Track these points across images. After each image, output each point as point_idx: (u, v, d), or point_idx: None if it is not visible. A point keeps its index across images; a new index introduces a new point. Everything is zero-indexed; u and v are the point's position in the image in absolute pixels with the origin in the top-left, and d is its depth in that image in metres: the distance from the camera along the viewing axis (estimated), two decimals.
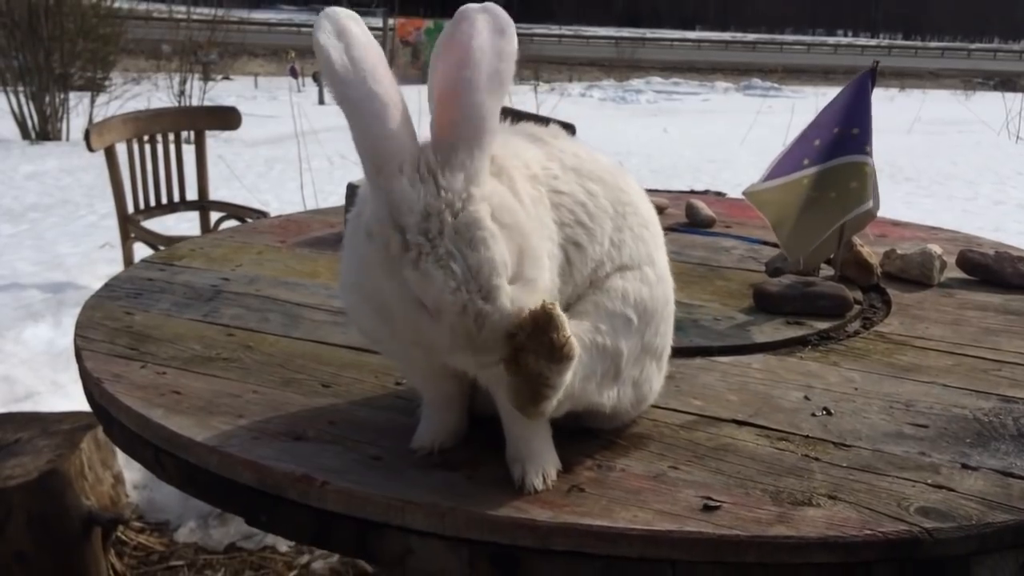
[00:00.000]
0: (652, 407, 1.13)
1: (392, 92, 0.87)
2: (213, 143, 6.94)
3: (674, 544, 0.87)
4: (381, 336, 0.98)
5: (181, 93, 10.75)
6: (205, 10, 12.03)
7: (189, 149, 3.59)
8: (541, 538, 0.89)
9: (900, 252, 1.73)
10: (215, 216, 3.77)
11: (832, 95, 1.66)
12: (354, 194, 1.35)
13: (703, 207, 2.17)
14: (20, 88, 9.70)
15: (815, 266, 1.70)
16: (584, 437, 1.06)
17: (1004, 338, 1.44)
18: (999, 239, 2.16)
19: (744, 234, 2.07)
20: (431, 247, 0.82)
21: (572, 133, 1.15)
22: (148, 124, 3.56)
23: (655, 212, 1.09)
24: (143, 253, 3.19)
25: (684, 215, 2.18)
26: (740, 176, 7.23)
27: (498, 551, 0.90)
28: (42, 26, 9.76)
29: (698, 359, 1.32)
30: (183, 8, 11.60)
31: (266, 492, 0.98)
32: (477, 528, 0.90)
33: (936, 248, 1.73)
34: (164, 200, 3.59)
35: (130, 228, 3.45)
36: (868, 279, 1.68)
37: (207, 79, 12.17)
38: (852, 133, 1.55)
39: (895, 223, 2.21)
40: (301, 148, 6.45)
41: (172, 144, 3.57)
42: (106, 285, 1.60)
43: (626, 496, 0.94)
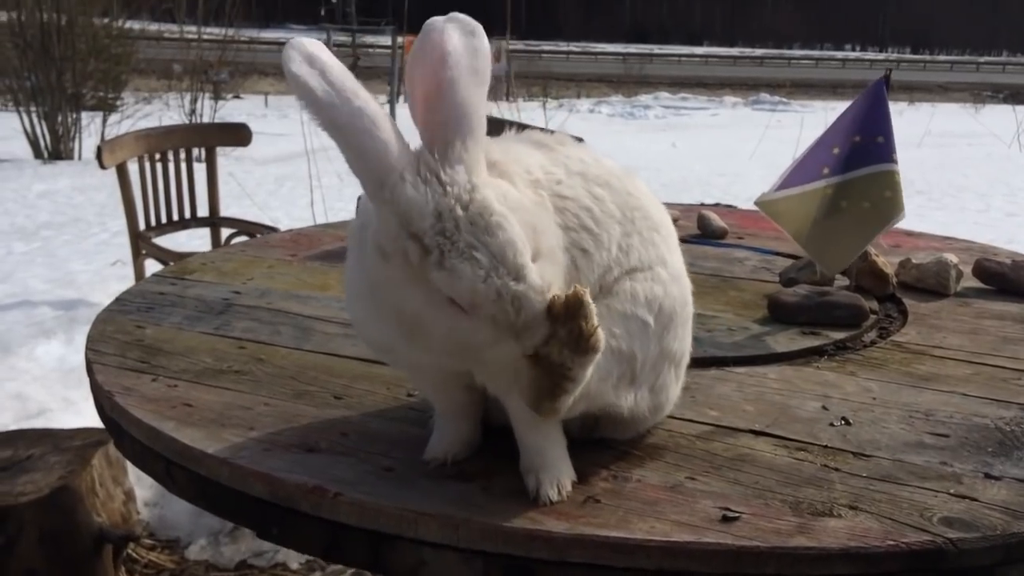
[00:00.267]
0: (668, 417, 1.12)
1: (376, 106, 0.87)
2: (224, 161, 6.98)
3: (693, 556, 0.85)
4: (392, 346, 0.96)
5: (192, 112, 10.82)
6: (216, 30, 12.13)
7: (200, 166, 3.60)
8: (557, 550, 0.87)
9: (916, 262, 1.72)
10: (226, 232, 3.78)
11: (842, 109, 1.65)
12: None
13: (715, 218, 2.16)
14: (33, 108, 9.78)
15: (831, 276, 1.68)
16: (599, 448, 1.05)
17: (1023, 347, 1.42)
18: (1013, 250, 2.14)
19: (757, 245, 2.05)
20: (451, 244, 0.81)
21: None
22: (159, 141, 3.58)
23: (667, 215, 1.08)
24: (154, 270, 3.19)
25: (696, 226, 2.17)
26: (751, 189, 7.21)
27: (513, 563, 0.88)
28: (54, 46, 9.85)
29: (713, 369, 1.31)
30: (194, 28, 11.69)
31: (278, 504, 0.97)
32: (491, 540, 0.88)
33: (952, 257, 1.71)
34: (175, 217, 3.60)
35: (141, 245, 3.46)
36: (884, 289, 1.67)
37: (218, 98, 12.26)
38: (877, 141, 1.54)
39: (908, 233, 2.19)
40: (311, 165, 6.46)
41: (183, 161, 3.59)
42: (117, 299, 1.60)
43: (643, 507, 0.92)
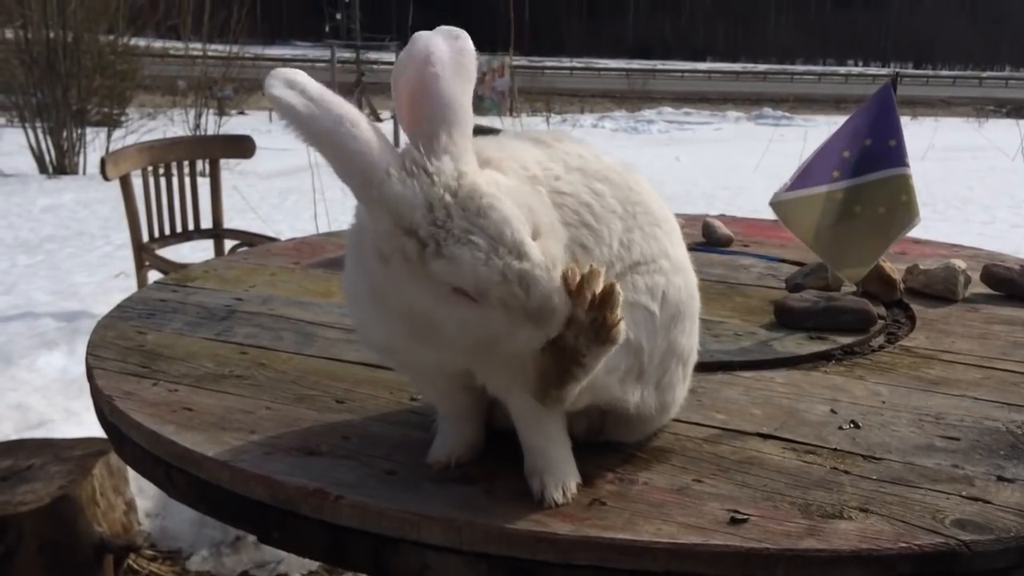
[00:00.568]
0: (674, 421, 1.10)
1: (357, 113, 0.87)
2: (228, 175, 7.00)
3: (700, 558, 0.84)
4: (396, 348, 0.95)
5: (196, 127, 10.86)
6: (220, 47, 12.18)
7: (204, 179, 3.60)
8: (562, 552, 0.86)
9: (923, 267, 1.70)
10: (229, 244, 3.77)
11: None
12: None
13: (720, 226, 2.15)
14: (38, 123, 9.82)
15: (839, 282, 1.67)
16: (604, 451, 1.03)
17: None
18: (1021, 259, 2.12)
19: (762, 252, 2.04)
20: (445, 232, 0.81)
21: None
22: (163, 153, 3.58)
23: (668, 210, 1.06)
24: None
25: (701, 234, 2.16)
26: (755, 202, 7.21)
27: (517, 566, 0.87)
28: (60, 62, 9.90)
29: (720, 374, 1.29)
30: (198, 45, 11.75)
31: (279, 507, 0.95)
32: (495, 543, 0.87)
33: (960, 263, 1.70)
34: (179, 228, 3.60)
35: (145, 256, 3.45)
36: (891, 294, 1.65)
37: (222, 114, 12.29)
38: (889, 145, 1.52)
39: (915, 241, 2.18)
40: (315, 179, 6.47)
41: (187, 172, 3.59)
42: (118, 306, 1.59)
43: (649, 509, 0.91)
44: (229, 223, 4.02)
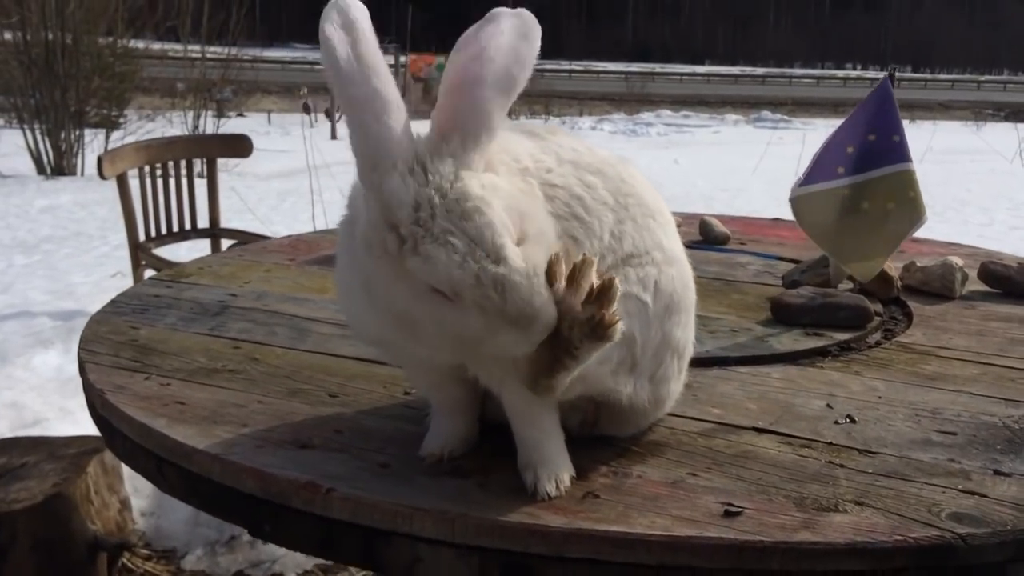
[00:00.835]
0: (669, 415, 1.09)
1: (393, 90, 0.86)
2: (226, 176, 7.00)
3: (694, 550, 0.83)
4: (388, 341, 0.95)
5: (195, 129, 10.85)
6: (219, 49, 12.18)
7: (202, 180, 3.59)
8: (555, 545, 0.85)
9: (920, 264, 1.70)
10: (226, 244, 3.76)
11: None
12: None
13: (717, 224, 2.14)
14: (36, 125, 9.81)
15: (838, 279, 1.66)
16: (599, 444, 1.03)
17: None
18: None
19: (759, 250, 2.03)
20: (424, 231, 0.80)
21: None
22: (160, 152, 3.57)
23: (663, 202, 1.05)
24: None
25: (698, 232, 2.15)
26: (754, 204, 7.21)
27: (510, 559, 0.86)
28: (59, 64, 9.90)
29: (715, 369, 1.28)
30: (197, 47, 11.74)
31: (270, 501, 0.94)
32: (488, 535, 0.86)
33: (957, 260, 1.69)
34: (175, 228, 3.59)
35: (141, 255, 3.45)
36: (888, 292, 1.64)
37: (221, 115, 12.29)
38: (893, 140, 1.51)
39: (913, 239, 2.17)
40: (313, 181, 6.47)
41: (184, 172, 3.58)
42: (112, 301, 1.58)
43: (643, 502, 0.90)
44: (227, 224, 4.01)
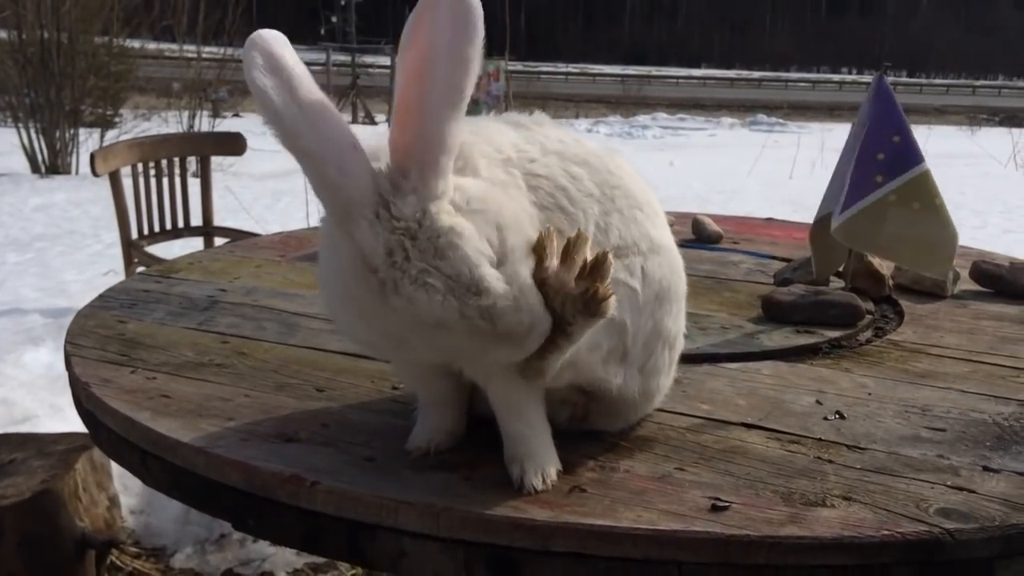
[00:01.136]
0: (657, 410, 1.09)
1: (345, 129, 0.82)
2: (221, 176, 6.98)
3: (680, 544, 0.82)
4: (375, 343, 0.94)
5: (190, 128, 10.83)
6: (215, 49, 12.16)
7: (196, 179, 3.58)
8: (540, 539, 0.84)
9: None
10: (219, 242, 3.75)
11: (838, 130, 1.63)
12: None
13: (709, 223, 2.14)
14: (31, 123, 9.78)
15: (826, 278, 1.66)
16: (587, 439, 1.02)
17: (1022, 347, 1.39)
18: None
19: (752, 249, 2.03)
20: (402, 273, 0.79)
21: None
22: (153, 149, 3.56)
23: (651, 193, 1.05)
24: None
25: (691, 231, 2.15)
26: (749, 205, 7.21)
27: (495, 553, 0.85)
28: (54, 63, 9.87)
29: (705, 365, 1.28)
30: (193, 47, 11.72)
31: (254, 494, 0.94)
32: (473, 529, 0.86)
33: None
34: (168, 226, 3.58)
35: (134, 253, 3.43)
36: (880, 290, 1.64)
37: (216, 115, 12.27)
38: (913, 137, 1.51)
39: None
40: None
41: (177, 169, 3.57)
42: (100, 296, 1.57)
43: (630, 497, 0.90)
44: (222, 223, 4.00)
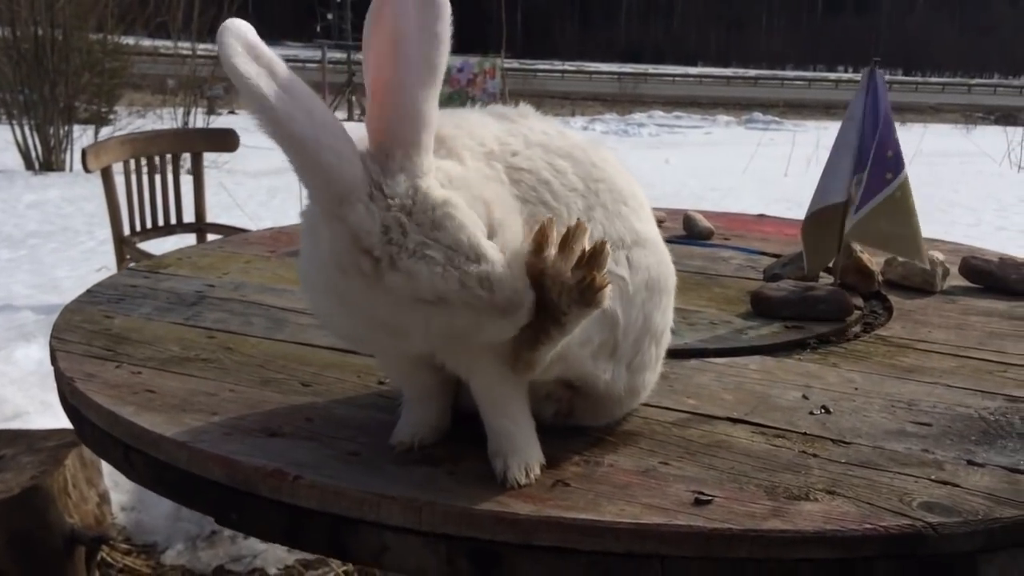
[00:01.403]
0: (644, 405, 1.09)
1: (331, 114, 0.81)
2: (216, 173, 6.96)
3: (662, 538, 0.82)
4: (359, 336, 0.93)
5: (185, 125, 10.80)
6: (210, 46, 12.12)
7: (190, 176, 3.57)
8: (523, 533, 0.84)
9: (901, 259, 1.69)
10: (212, 239, 3.74)
11: (834, 128, 1.63)
12: None
13: (700, 219, 2.14)
14: (25, 120, 9.75)
15: (816, 273, 1.66)
16: (571, 434, 1.02)
17: (1010, 342, 1.39)
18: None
19: (743, 245, 2.03)
20: (399, 248, 0.78)
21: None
22: (145, 145, 3.55)
23: (637, 186, 1.04)
24: None
25: (682, 227, 2.14)
26: (743, 203, 7.22)
27: (478, 547, 0.85)
28: (48, 59, 9.84)
29: (693, 360, 1.28)
30: (188, 44, 11.69)
31: (236, 488, 0.93)
32: (455, 523, 0.85)
33: (938, 255, 1.69)
34: (161, 222, 3.57)
35: (126, 250, 3.42)
36: (869, 286, 1.64)
37: (211, 112, 12.25)
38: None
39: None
40: None
41: (169, 166, 3.56)
42: (88, 291, 1.57)
43: (613, 491, 0.89)
44: (216, 220, 3.99)
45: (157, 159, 3.53)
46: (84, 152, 3.28)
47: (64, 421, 2.67)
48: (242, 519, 0.94)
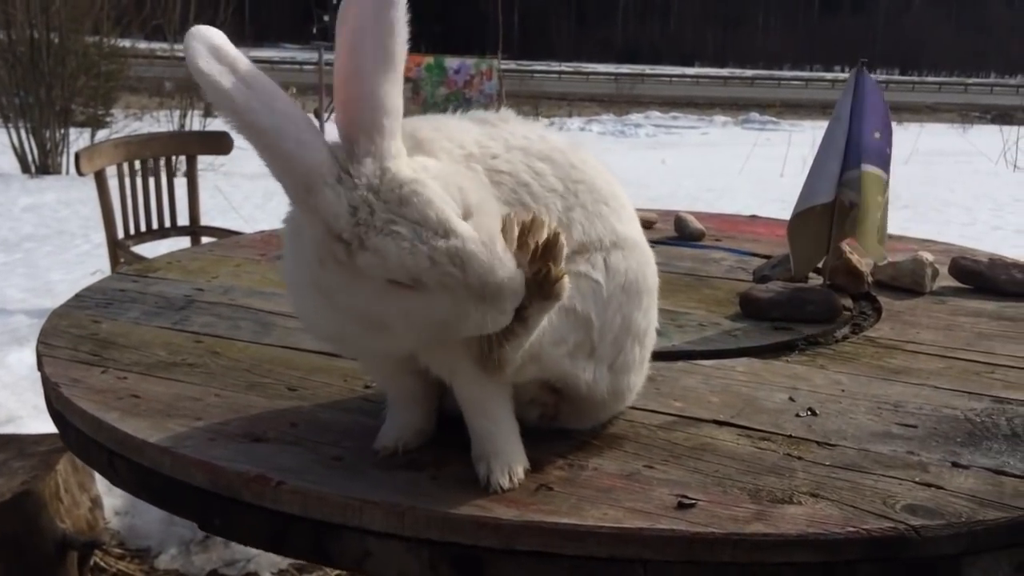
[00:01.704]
0: (630, 408, 1.09)
1: (293, 105, 0.83)
2: (212, 176, 6.96)
3: (645, 542, 0.82)
4: (342, 336, 0.93)
5: (181, 127, 10.79)
6: None
7: (182, 176, 3.57)
8: (505, 538, 0.84)
9: (891, 260, 1.69)
10: (206, 242, 3.74)
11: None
12: None
13: (692, 220, 2.13)
14: (21, 123, 9.74)
15: (805, 274, 1.66)
16: (557, 437, 1.02)
17: (998, 342, 1.39)
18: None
19: (734, 246, 2.03)
20: (366, 227, 0.79)
21: None
22: (139, 148, 3.54)
23: (618, 187, 1.04)
24: None
25: (673, 228, 2.14)
26: (738, 204, 7.22)
27: (460, 552, 0.85)
28: (44, 62, 9.83)
29: (680, 363, 1.28)
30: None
31: (219, 494, 0.93)
32: (437, 528, 0.85)
33: (928, 255, 1.69)
34: (155, 225, 3.56)
35: (120, 253, 3.42)
36: (858, 287, 1.64)
37: (208, 115, 12.22)
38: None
39: (888, 236, 2.17)
40: None
41: (163, 169, 3.56)
42: (76, 296, 1.56)
43: (597, 495, 0.89)
44: (212, 223, 3.99)
45: (151, 162, 3.53)
46: (77, 155, 3.27)
47: None
48: (225, 525, 0.94)
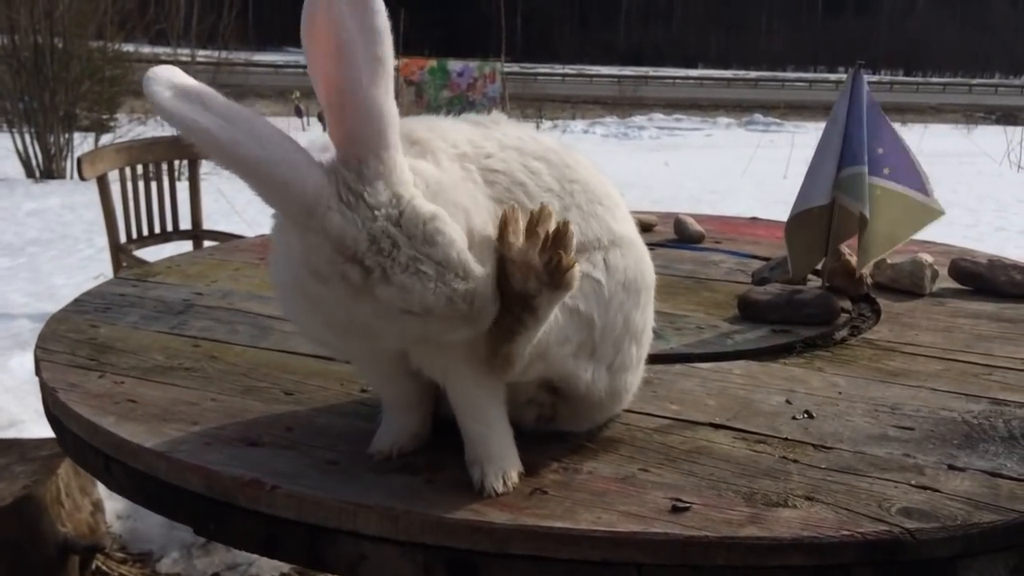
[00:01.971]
0: (626, 411, 1.08)
1: (275, 129, 0.81)
2: (216, 179, 6.96)
3: (639, 546, 0.82)
4: (332, 341, 0.93)
5: None
6: (210, 52, 12.15)
7: (184, 180, 3.57)
8: (499, 542, 0.84)
9: (890, 262, 1.69)
10: (207, 246, 3.74)
11: None
12: None
13: (691, 223, 2.13)
14: (25, 128, 9.78)
15: (803, 276, 1.66)
16: (552, 441, 1.02)
17: (997, 344, 1.39)
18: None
19: (734, 249, 2.03)
20: (391, 261, 0.79)
21: None
22: (141, 153, 3.55)
23: (611, 186, 1.04)
24: None
25: (673, 231, 2.14)
26: (741, 205, 7.21)
27: (455, 556, 0.85)
28: (48, 67, 9.87)
29: (678, 365, 1.27)
30: (188, 51, 11.72)
31: (215, 499, 0.93)
32: (432, 532, 0.85)
33: (927, 257, 1.69)
34: (157, 230, 3.57)
35: (122, 257, 3.43)
36: (857, 289, 1.64)
37: None
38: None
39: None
40: None
41: (165, 173, 3.57)
42: (75, 300, 1.57)
43: (591, 498, 0.89)
44: (215, 227, 3.99)
45: (153, 166, 3.54)
46: (79, 160, 3.28)
47: None
48: (220, 529, 0.94)
